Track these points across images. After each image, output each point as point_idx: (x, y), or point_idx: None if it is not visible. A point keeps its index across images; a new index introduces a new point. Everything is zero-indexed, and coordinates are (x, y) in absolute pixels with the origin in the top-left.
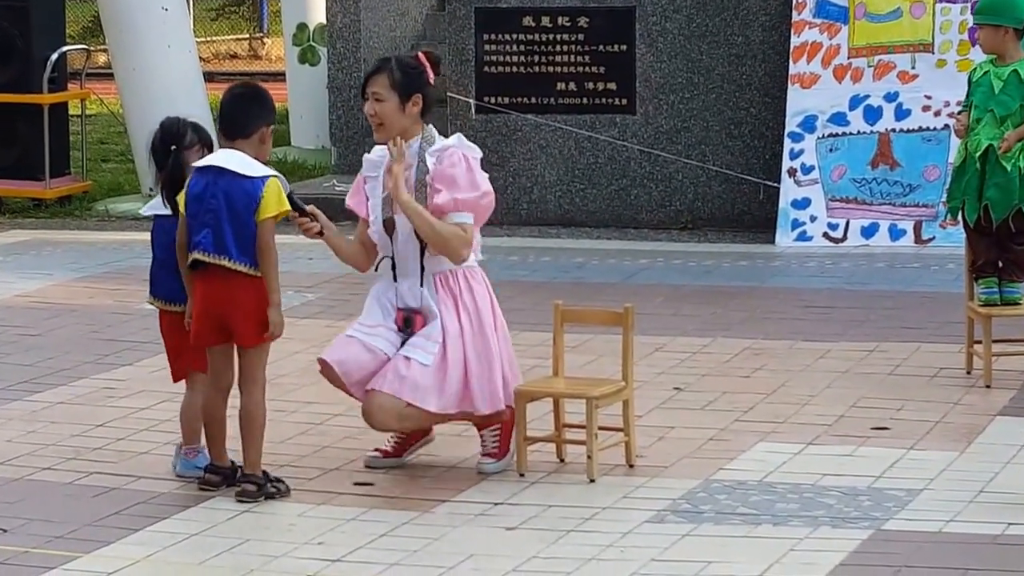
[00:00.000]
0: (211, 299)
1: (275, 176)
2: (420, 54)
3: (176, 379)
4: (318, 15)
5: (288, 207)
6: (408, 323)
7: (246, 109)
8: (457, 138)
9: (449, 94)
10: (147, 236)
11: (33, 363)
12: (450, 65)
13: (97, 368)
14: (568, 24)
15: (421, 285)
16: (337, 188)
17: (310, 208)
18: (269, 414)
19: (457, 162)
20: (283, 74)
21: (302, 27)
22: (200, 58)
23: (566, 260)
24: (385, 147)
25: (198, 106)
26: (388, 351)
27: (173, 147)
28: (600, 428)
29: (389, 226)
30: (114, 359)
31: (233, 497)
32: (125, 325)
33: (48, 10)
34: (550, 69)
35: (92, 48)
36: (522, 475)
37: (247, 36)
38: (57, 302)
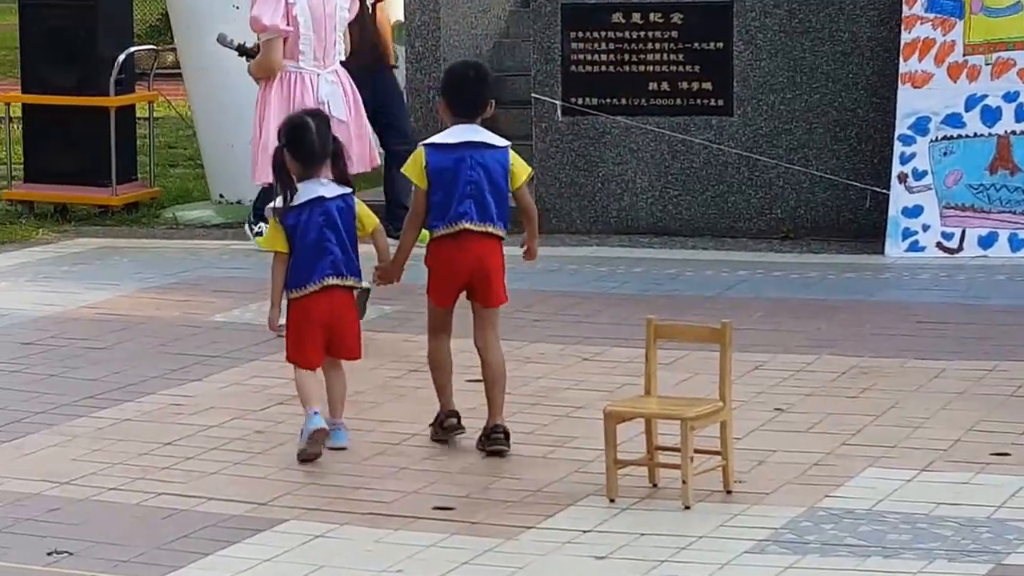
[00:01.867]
0: (471, 264)
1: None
2: None
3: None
4: (396, 12)
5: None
6: None
7: (480, 89)
8: None
9: (534, 95)
10: (216, 244)
11: (99, 378)
12: (535, 64)
13: (165, 384)
14: (661, 20)
15: None
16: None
17: None
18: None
19: None
20: None
21: None
22: None
23: (659, 272)
24: None
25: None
26: None
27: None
28: (696, 451)
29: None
30: (182, 374)
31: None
32: (194, 338)
33: (115, 9)
34: (641, 68)
35: (160, 48)
36: (612, 501)
37: None
38: (124, 314)
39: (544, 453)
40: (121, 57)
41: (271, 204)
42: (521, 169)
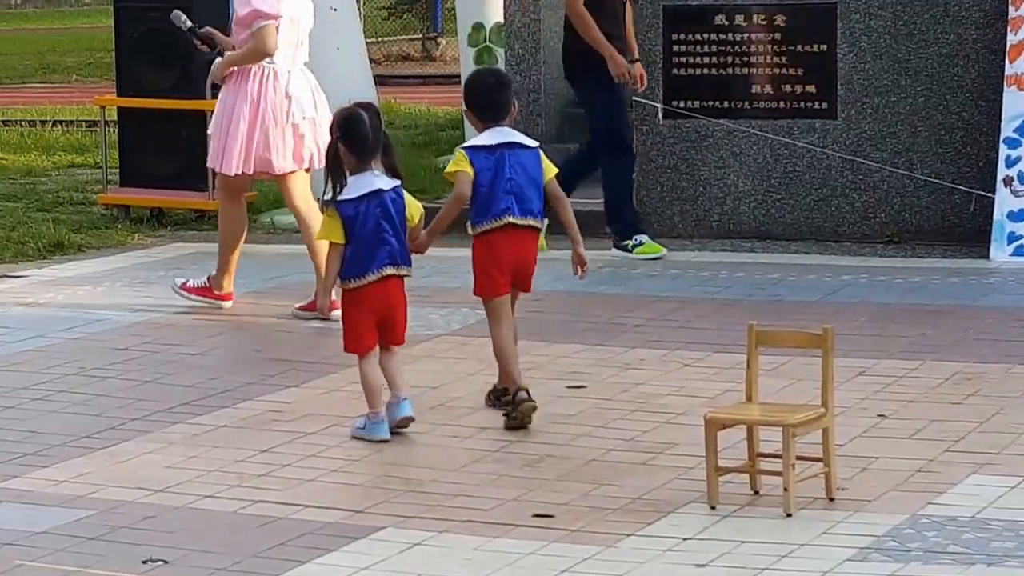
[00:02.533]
0: (515, 255)
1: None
2: None
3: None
4: (495, 14)
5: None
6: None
7: (504, 94)
8: None
9: (635, 98)
10: None
11: (194, 384)
12: None
13: (262, 389)
14: (764, 22)
15: None
16: None
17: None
18: (442, 439)
19: None
20: (458, 76)
21: (478, 27)
22: (371, 60)
23: (761, 276)
24: None
25: None
26: None
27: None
28: (798, 458)
29: None
30: (279, 380)
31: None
32: (291, 344)
33: (212, 11)
34: (744, 71)
35: None
36: (713, 508)
37: (420, 36)
38: (220, 319)
39: (644, 460)
40: (217, 59)
41: (324, 196)
42: (549, 167)
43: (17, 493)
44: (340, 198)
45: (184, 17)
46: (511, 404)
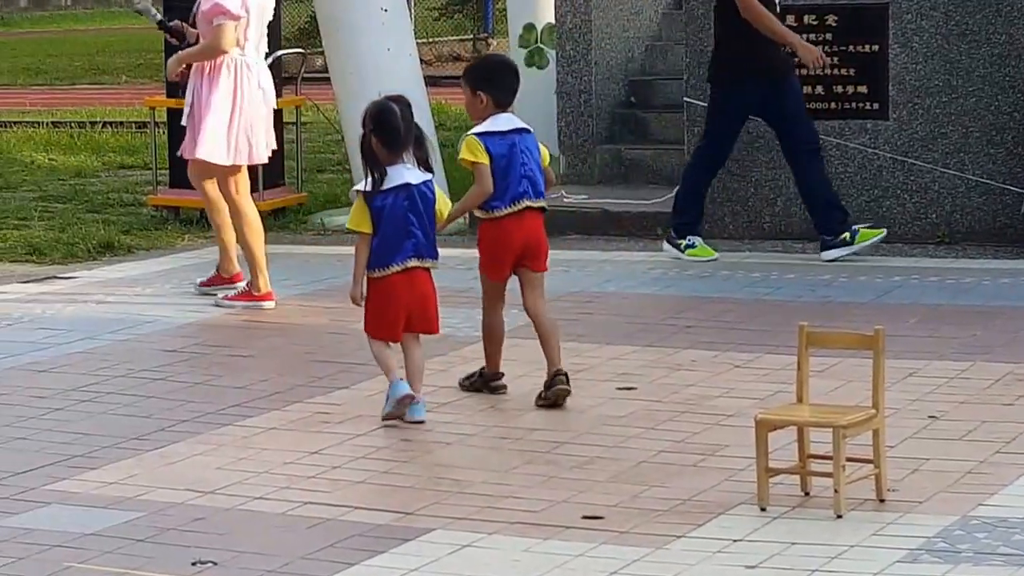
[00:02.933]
0: (527, 236)
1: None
2: None
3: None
4: (546, 15)
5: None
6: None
7: (517, 81)
8: None
9: (686, 99)
10: None
11: (245, 386)
12: (687, 68)
13: (311, 391)
14: (815, 22)
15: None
16: (566, 199)
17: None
18: (492, 440)
19: None
20: None
21: (529, 28)
22: (421, 60)
23: (812, 277)
24: None
25: (419, 111)
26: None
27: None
28: (848, 459)
29: None
30: (329, 382)
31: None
32: (341, 345)
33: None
34: (795, 71)
35: (308, 51)
36: (763, 509)
37: (471, 37)
38: (270, 321)
39: (695, 461)
40: (268, 61)
41: (356, 187)
42: (544, 149)
43: (66, 495)
44: (370, 189)
45: (154, 10)
46: (481, 382)
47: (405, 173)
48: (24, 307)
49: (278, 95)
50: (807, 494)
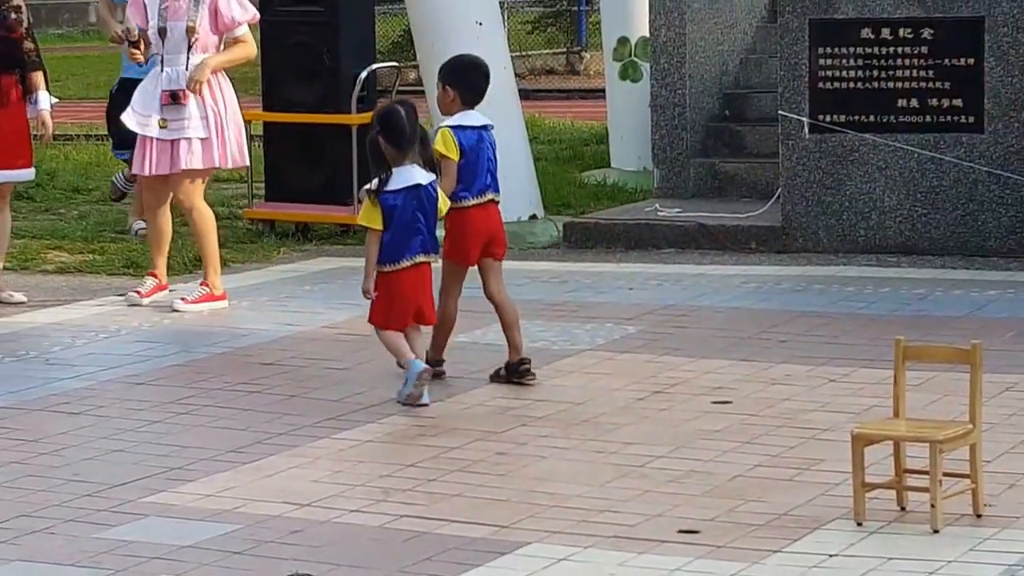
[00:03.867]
0: (491, 225)
1: None
2: None
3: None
4: (640, 28)
5: None
6: (175, 98)
7: (485, 81)
8: None
9: (780, 112)
10: None
11: (340, 398)
12: (782, 81)
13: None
14: (910, 36)
15: (186, 69)
16: (660, 213)
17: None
18: (587, 454)
19: None
20: (602, 91)
21: (623, 41)
22: (515, 74)
23: (907, 291)
24: None
25: (513, 125)
26: (161, 136)
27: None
28: (945, 474)
29: (163, 33)
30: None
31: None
32: None
33: (358, 26)
34: (890, 84)
35: (402, 65)
36: (860, 524)
37: (564, 50)
38: (365, 334)
39: (790, 476)
40: (363, 74)
41: (367, 185)
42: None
43: (164, 507)
44: (383, 188)
45: (135, 26)
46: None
47: (416, 174)
48: (121, 319)
49: (371, 108)
50: (903, 509)
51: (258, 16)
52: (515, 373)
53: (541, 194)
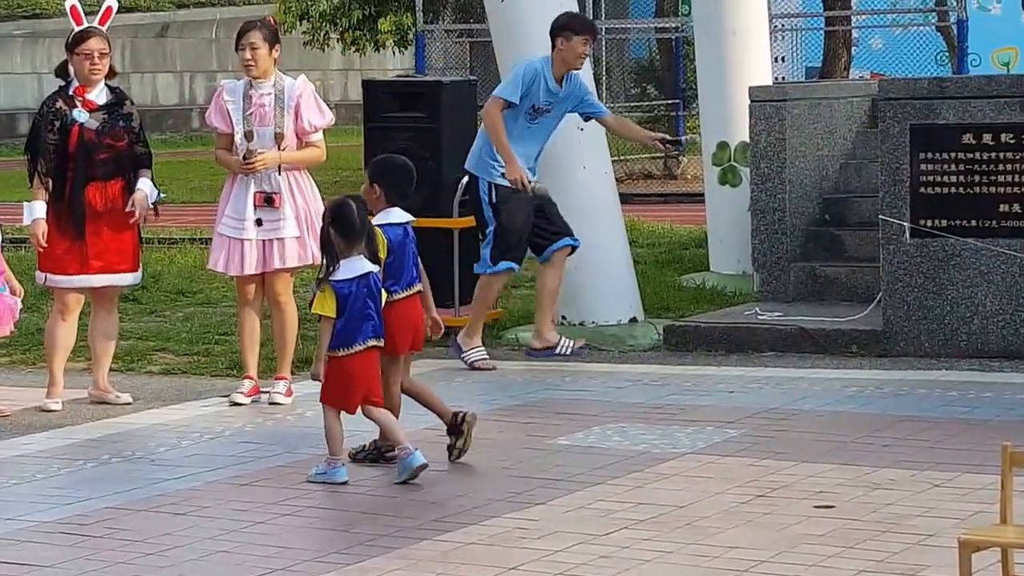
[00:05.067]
0: (416, 318)
1: None
2: (271, 18)
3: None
4: (740, 133)
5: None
6: (269, 201)
7: (410, 184)
8: (302, 78)
9: (881, 217)
10: (559, 366)
11: (441, 500)
12: (883, 186)
13: (509, 507)
14: (1012, 141)
15: (279, 174)
16: (760, 316)
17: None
18: (689, 558)
19: (305, 94)
20: (700, 195)
21: (723, 146)
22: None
23: (1011, 396)
24: (241, 81)
25: (614, 228)
26: (256, 236)
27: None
28: None
29: (249, 137)
30: (526, 497)
31: None
32: (538, 461)
33: (459, 131)
34: (992, 189)
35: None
36: None
37: (662, 155)
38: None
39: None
40: (465, 179)
41: (321, 276)
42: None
43: None
44: (336, 278)
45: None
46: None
47: (365, 264)
48: (226, 421)
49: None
50: None
51: (333, 121)
52: (462, 424)
53: (641, 297)
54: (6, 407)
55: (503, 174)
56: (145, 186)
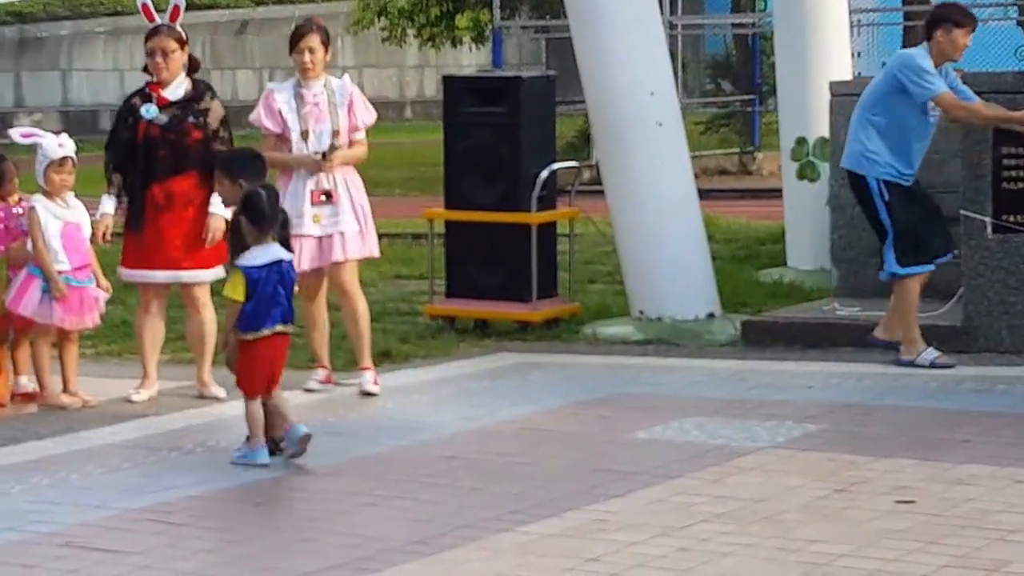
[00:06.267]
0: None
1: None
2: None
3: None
4: (819, 129)
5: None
6: (327, 197)
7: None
8: (346, 77)
9: (963, 212)
10: (636, 360)
11: (522, 492)
12: (964, 181)
13: (588, 499)
14: None
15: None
16: (838, 312)
17: None
18: (770, 552)
19: (356, 92)
20: (775, 190)
21: (801, 142)
22: None
23: None
24: (287, 82)
25: (692, 226)
26: (315, 232)
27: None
28: None
29: (305, 136)
30: (605, 490)
31: None
32: (616, 454)
33: (539, 126)
34: None
35: (580, 164)
36: None
37: (737, 151)
38: (545, 429)
39: None
40: (544, 174)
41: (235, 261)
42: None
43: None
44: (248, 263)
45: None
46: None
47: (277, 251)
48: (307, 413)
49: (550, 207)
50: None
51: (375, 119)
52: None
53: (718, 292)
54: (92, 397)
55: (891, 171)
56: (219, 208)
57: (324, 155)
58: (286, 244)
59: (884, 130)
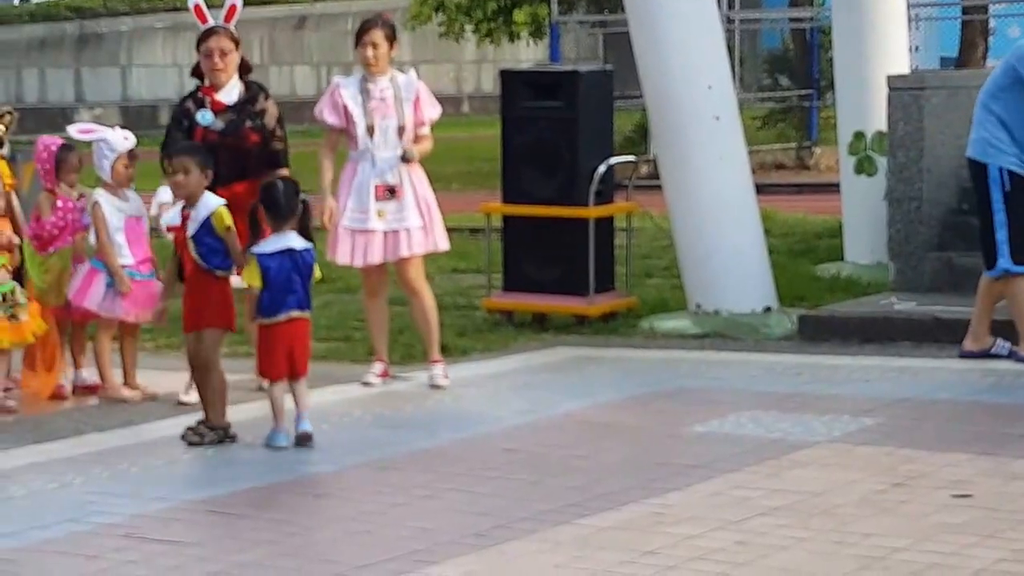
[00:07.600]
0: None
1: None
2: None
3: None
4: (877, 123)
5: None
6: (392, 192)
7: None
8: (412, 72)
9: None
10: (694, 354)
11: (580, 485)
12: None
13: (646, 492)
14: None
15: (398, 166)
16: (896, 306)
17: None
18: (827, 545)
19: (422, 87)
20: (832, 185)
21: (859, 136)
22: None
23: None
24: (354, 76)
25: (749, 220)
26: (380, 227)
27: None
28: None
29: (371, 131)
30: (663, 483)
31: None
32: (673, 448)
33: (597, 121)
34: None
35: (638, 159)
36: None
37: (794, 145)
38: (603, 422)
39: None
40: (602, 168)
41: (252, 249)
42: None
43: None
44: (261, 251)
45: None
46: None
47: (291, 239)
48: (365, 406)
49: (607, 201)
50: None
51: (440, 113)
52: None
53: (775, 286)
54: (154, 390)
55: (1015, 160)
56: None
57: (403, 157)
58: (305, 234)
59: (1006, 121)
